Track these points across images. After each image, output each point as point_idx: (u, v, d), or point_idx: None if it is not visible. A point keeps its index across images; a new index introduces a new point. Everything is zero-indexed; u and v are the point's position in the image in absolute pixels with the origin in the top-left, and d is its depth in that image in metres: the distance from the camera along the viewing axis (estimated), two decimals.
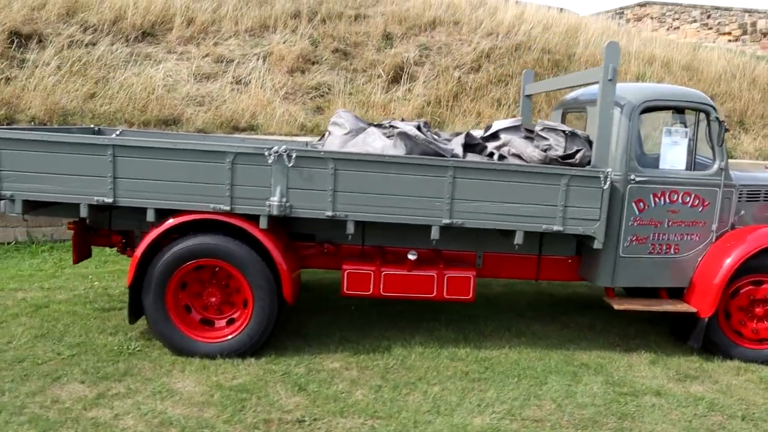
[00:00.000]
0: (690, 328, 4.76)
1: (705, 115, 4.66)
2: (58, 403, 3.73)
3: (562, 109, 5.63)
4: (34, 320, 5.07)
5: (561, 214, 4.31)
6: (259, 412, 3.66)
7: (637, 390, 4.15)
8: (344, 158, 4.19)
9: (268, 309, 4.38)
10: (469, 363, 4.51)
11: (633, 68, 11.22)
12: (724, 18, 16.28)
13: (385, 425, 3.56)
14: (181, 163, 4.17)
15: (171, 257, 4.30)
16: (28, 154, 4.15)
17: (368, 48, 11.91)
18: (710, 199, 4.67)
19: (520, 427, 3.59)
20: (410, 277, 4.58)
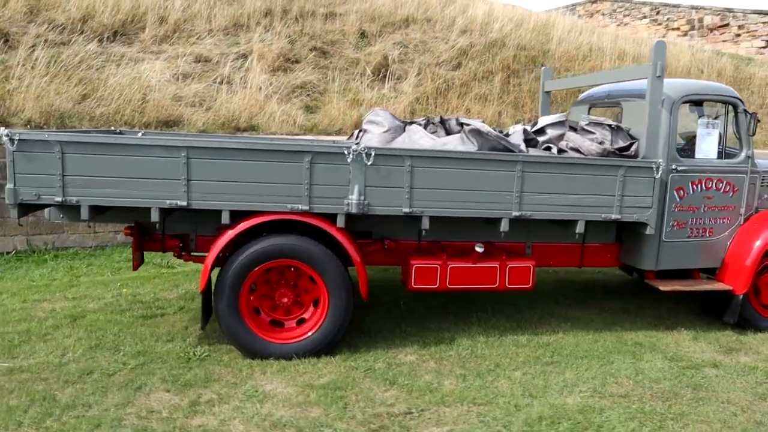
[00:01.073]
0: (723, 305, 5.22)
1: (734, 108, 5.13)
2: (155, 412, 3.70)
3: (589, 104, 5.99)
4: (78, 331, 4.93)
5: (618, 203, 4.64)
6: (364, 408, 3.77)
7: (695, 363, 4.54)
8: (421, 155, 4.33)
9: (344, 307, 4.47)
10: (533, 348, 4.78)
11: (606, 64, 11.86)
12: (673, 14, 17.41)
13: (489, 411, 3.76)
14: (258, 163, 4.19)
15: (246, 259, 4.31)
16: (95, 158, 4.06)
17: (345, 46, 12.01)
18: (739, 185, 5.14)
19: (611, 404, 3.88)
20: (475, 269, 4.79)
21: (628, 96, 5.31)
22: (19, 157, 4.00)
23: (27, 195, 4.06)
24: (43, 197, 4.08)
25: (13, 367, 4.26)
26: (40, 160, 4.02)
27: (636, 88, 5.26)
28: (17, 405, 3.72)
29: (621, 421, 3.65)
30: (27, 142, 3.98)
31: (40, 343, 4.71)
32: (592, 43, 12.49)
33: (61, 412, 3.65)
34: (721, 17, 16.17)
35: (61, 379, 4.08)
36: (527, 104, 11.08)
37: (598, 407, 3.82)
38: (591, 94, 6.05)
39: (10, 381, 4.05)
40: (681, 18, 17.13)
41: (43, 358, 4.43)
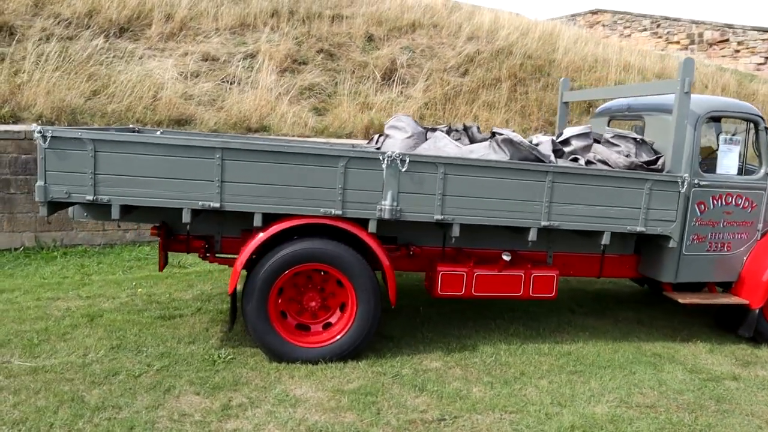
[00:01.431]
0: (738, 319, 5.32)
1: (755, 125, 5.24)
2: (187, 416, 3.69)
3: (608, 116, 6.08)
4: (97, 331, 4.91)
5: (643, 216, 4.72)
6: (398, 414, 3.80)
7: (715, 376, 4.63)
8: (454, 163, 4.38)
9: (372, 312, 4.50)
10: (555, 357, 4.84)
11: (612, 75, 12.02)
12: (673, 28, 17.66)
13: (521, 419, 3.81)
14: (292, 166, 4.21)
15: (278, 262, 4.32)
16: (129, 157, 4.05)
17: (352, 49, 12.06)
18: (758, 202, 5.25)
19: (639, 414, 3.95)
20: (500, 278, 4.85)
21: (650, 110, 5.40)
22: (51, 155, 3.98)
23: (57, 193, 4.04)
24: (74, 195, 4.06)
25: (36, 366, 4.24)
26: (73, 157, 4.00)
27: (658, 102, 5.35)
28: (46, 406, 3.71)
29: (649, 431, 3.72)
30: (60, 139, 3.97)
31: (60, 342, 4.68)
32: (597, 54, 12.65)
33: (92, 414, 3.64)
34: (721, 32, 16.45)
35: (87, 380, 4.06)
36: (534, 113, 11.19)
37: (627, 417, 3.88)
38: (610, 107, 6.15)
39: (35, 381, 4.02)
40: (681, 32, 17.39)
41: (65, 358, 4.41)
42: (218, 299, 5.88)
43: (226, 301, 5.84)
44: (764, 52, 15.46)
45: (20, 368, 4.20)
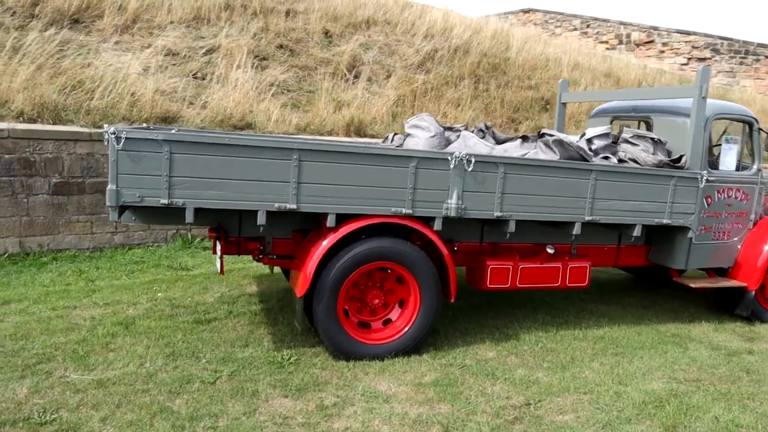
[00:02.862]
0: (735, 300, 6.03)
1: (749, 126, 5.94)
2: (289, 418, 3.75)
3: (611, 116, 6.62)
4: (140, 339, 4.81)
5: (669, 210, 5.26)
6: (487, 402, 4.05)
7: (734, 351, 5.25)
8: (513, 163, 4.68)
9: (435, 307, 4.73)
10: (591, 342, 5.27)
11: (565, 73, 12.81)
12: (602, 28, 18.96)
13: (597, 398, 4.18)
14: (366, 167, 4.34)
15: (349, 261, 4.44)
16: (204, 159, 4.03)
17: (311, 45, 12.08)
18: (751, 194, 5.96)
19: (691, 388, 4.44)
20: (542, 269, 5.22)
21: (658, 111, 5.97)
22: (124, 157, 3.89)
23: (130, 197, 3.95)
24: (147, 199, 3.99)
25: (98, 379, 4.12)
26: (147, 159, 3.93)
27: (666, 104, 5.93)
28: (138, 419, 3.65)
29: (709, 402, 4.22)
30: (134, 140, 3.89)
31: (108, 353, 4.56)
32: (548, 53, 13.41)
33: (191, 424, 3.63)
34: (648, 34, 17.88)
35: (163, 390, 4.01)
36: (497, 110, 11.74)
37: (682, 391, 4.37)
38: (613, 107, 6.69)
39: (108, 394, 3.93)
40: (610, 32, 18.72)
41: (123, 368, 4.30)
42: (243, 301, 5.87)
43: (253, 302, 5.85)
44: (687, 53, 17.03)
45: (82, 382, 4.07)
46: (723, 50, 16.66)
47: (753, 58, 16.65)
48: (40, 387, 3.98)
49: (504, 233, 5.05)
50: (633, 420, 3.91)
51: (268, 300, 5.94)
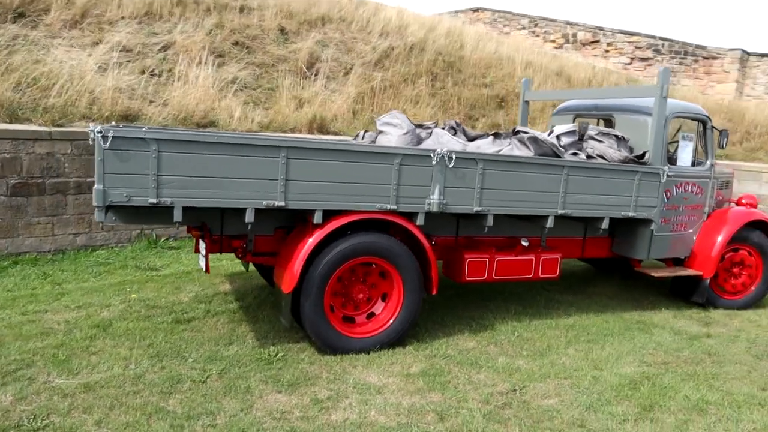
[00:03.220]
0: (691, 288, 6.44)
1: (703, 124, 6.35)
2: (287, 413, 3.80)
3: (574, 114, 6.92)
4: (121, 341, 4.75)
5: (634, 203, 5.58)
6: (475, 389, 4.21)
7: (694, 335, 5.61)
8: (492, 159, 4.87)
9: (417, 300, 4.88)
10: (564, 329, 5.53)
11: (519, 72, 13.20)
12: (550, 27, 19.55)
13: (578, 382, 4.42)
14: (352, 164, 4.44)
15: (336, 257, 4.53)
16: (193, 157, 4.04)
17: (267, 42, 12.04)
18: (705, 188, 6.37)
19: (660, 370, 4.74)
20: (516, 262, 5.45)
21: (619, 110, 6.30)
22: (111, 156, 3.86)
23: (117, 197, 3.92)
24: (135, 199, 3.97)
25: (85, 383, 4.06)
26: (134, 158, 3.91)
27: (627, 103, 6.27)
28: (135, 420, 3.64)
29: (679, 382, 4.52)
30: (121, 139, 3.86)
31: (90, 356, 4.49)
32: (501, 52, 13.79)
33: (189, 423, 3.64)
34: (593, 34, 18.59)
35: (154, 391, 4.00)
36: (454, 107, 12.00)
37: (653, 373, 4.67)
38: (575, 105, 6.99)
39: (98, 397, 3.90)
40: (557, 32, 19.35)
41: (109, 371, 4.26)
42: (219, 300, 5.85)
43: (229, 301, 5.85)
44: (630, 53, 17.82)
45: (69, 386, 4.01)
46: (664, 51, 17.53)
47: (692, 59, 17.60)
48: (25, 393, 3.89)
49: (479, 227, 5.24)
50: (612, 402, 4.16)
51: (244, 298, 5.95)
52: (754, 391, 4.46)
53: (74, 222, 7.07)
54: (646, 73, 17.26)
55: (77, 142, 6.99)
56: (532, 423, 3.83)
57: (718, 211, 6.54)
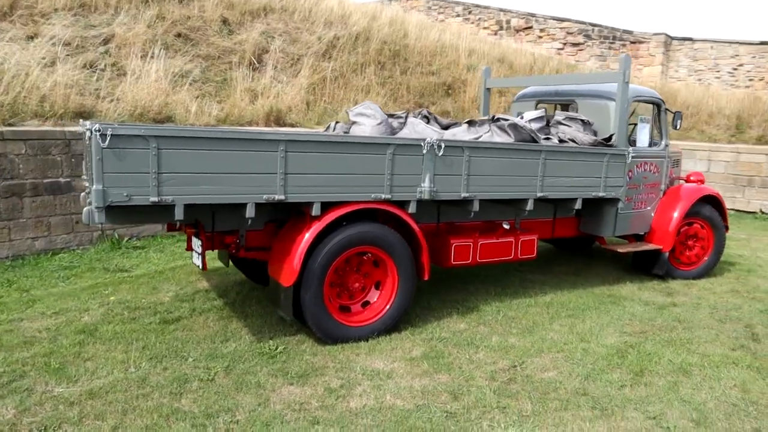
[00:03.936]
0: (651, 261, 6.91)
1: (657, 107, 6.79)
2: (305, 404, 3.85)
3: (536, 100, 7.22)
4: (114, 345, 4.66)
5: (603, 183, 5.93)
6: (478, 368, 4.41)
7: (662, 305, 6.05)
8: (477, 146, 5.06)
9: (411, 286, 5.03)
10: (543, 307, 5.83)
11: (463, 59, 13.51)
12: (484, 15, 20.01)
13: (571, 355, 4.70)
14: (346, 155, 4.51)
15: (334, 248, 4.60)
16: (192, 153, 4.01)
17: (210, 33, 11.79)
18: (661, 167, 6.83)
19: (640, 339, 5.09)
20: (498, 244, 5.68)
21: (581, 95, 6.65)
22: (110, 155, 3.78)
23: (117, 196, 3.85)
24: (135, 198, 3.91)
25: (89, 390, 3.98)
26: (134, 157, 3.85)
27: (589, 89, 6.62)
28: (152, 423, 3.61)
29: (660, 349, 4.90)
30: (120, 137, 3.79)
31: (84, 362, 4.38)
32: (444, 40, 14.05)
33: (210, 421, 3.64)
34: (526, 20, 19.19)
35: (164, 392, 3.97)
36: (404, 95, 12.17)
37: (635, 342, 5.03)
38: (537, 92, 7.30)
39: (107, 402, 3.83)
40: (491, 19, 19.85)
41: (109, 376, 4.18)
42: (201, 297, 5.80)
43: (212, 298, 5.81)
44: (562, 39, 18.54)
45: (72, 394, 3.92)
46: (594, 36, 18.37)
47: (620, 43, 18.52)
48: (26, 405, 3.78)
49: (459, 213, 5.44)
50: (606, 370, 4.47)
51: (227, 294, 5.92)
52: (726, 352, 4.90)
53: (32, 226, 6.78)
54: (578, 57, 18.05)
55: (31, 142, 6.69)
56: (539, 395, 4.07)
57: (672, 188, 7.03)
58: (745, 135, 12.64)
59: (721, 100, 13.71)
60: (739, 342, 5.15)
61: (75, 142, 7.16)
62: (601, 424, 3.73)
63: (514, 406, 3.92)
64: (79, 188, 7.28)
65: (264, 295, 5.79)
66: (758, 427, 3.78)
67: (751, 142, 12.25)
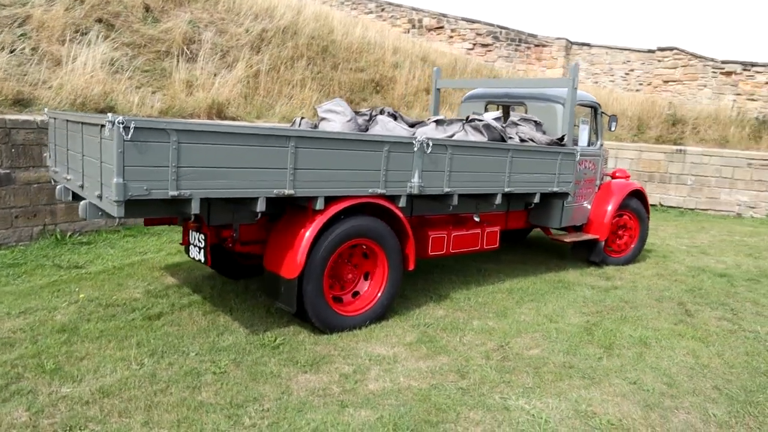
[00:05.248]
0: (589, 250, 7.67)
1: (594, 110, 7.53)
2: (325, 389, 4.05)
3: (485, 101, 7.75)
4: (102, 343, 4.57)
5: (557, 179, 6.55)
6: (470, 349, 4.80)
7: (605, 288, 6.76)
8: (458, 145, 5.44)
9: (399, 276, 5.33)
10: (506, 294, 6.33)
11: (389, 57, 13.88)
12: (396, 13, 20.50)
13: (547, 334, 5.19)
14: (350, 152, 4.73)
15: (334, 240, 4.80)
16: (210, 148, 4.06)
17: (132, 20, 11.37)
18: (597, 165, 7.60)
19: (599, 318, 5.69)
20: (467, 236, 6.12)
21: (531, 98, 7.24)
22: (131, 148, 3.77)
23: (137, 190, 3.84)
24: (154, 192, 3.92)
25: (100, 387, 3.94)
26: (155, 150, 3.86)
27: (537, 92, 7.23)
28: (184, 417, 3.66)
29: (618, 326, 5.53)
30: (142, 130, 3.79)
31: (79, 362, 4.29)
32: (369, 37, 14.36)
33: (241, 411, 3.75)
34: (437, 20, 19.93)
35: (181, 387, 4.01)
36: (336, 92, 12.37)
37: (595, 321, 5.64)
38: (485, 93, 7.82)
39: (127, 399, 3.83)
40: (403, 17, 20.40)
41: (114, 374, 4.14)
42: (175, 293, 5.74)
43: (186, 293, 5.78)
44: (472, 39, 19.46)
45: (83, 394, 3.88)
46: (502, 38, 19.46)
47: (525, 46, 19.76)
48: (38, 407, 3.69)
49: (432, 207, 5.84)
50: (581, 345, 5.03)
51: (200, 289, 5.91)
52: (671, 326, 5.64)
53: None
54: (486, 57, 19.05)
55: None
56: (533, 370, 4.53)
57: (604, 183, 7.84)
58: (646, 135, 14.07)
59: (624, 102, 15.12)
60: (678, 317, 5.93)
61: (15, 131, 6.77)
62: (594, 390, 4.25)
63: (516, 380, 4.36)
64: (20, 180, 6.89)
65: (261, 287, 5.71)
66: (716, 384, 4.47)
67: (651, 142, 13.67)
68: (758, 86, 16.92)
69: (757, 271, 8.03)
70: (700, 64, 17.56)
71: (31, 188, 7.02)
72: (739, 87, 17.10)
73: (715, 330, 5.59)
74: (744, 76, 17.05)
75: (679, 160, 13.07)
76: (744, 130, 13.43)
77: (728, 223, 12.20)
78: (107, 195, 3.86)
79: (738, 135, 13.35)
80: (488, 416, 3.85)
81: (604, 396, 4.19)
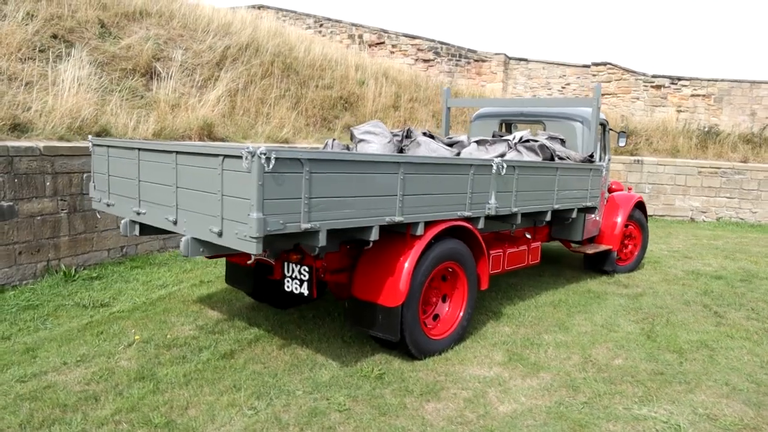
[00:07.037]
0: (602, 260, 8.13)
1: (603, 127, 8.01)
2: (460, 416, 4.09)
3: (500, 119, 8.03)
4: (198, 389, 4.36)
5: (588, 194, 6.92)
6: (565, 363, 4.99)
7: (633, 296, 7.17)
8: (523, 165, 5.65)
9: (475, 296, 5.45)
10: (552, 306, 6.58)
11: (352, 73, 13.93)
12: (336, 28, 20.55)
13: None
14: (444, 176, 4.80)
15: (430, 265, 4.84)
16: (336, 177, 4.00)
17: (88, 36, 10.80)
18: (606, 179, 8.09)
19: (648, 324, 6.04)
20: (518, 253, 6.33)
21: (549, 116, 7.60)
22: (270, 180, 3.67)
23: (274, 225, 3.72)
24: (288, 225, 3.82)
25: None
26: (289, 182, 3.77)
27: (555, 111, 7.60)
28: None
29: (672, 331, 5.89)
30: (282, 161, 3.69)
31: (188, 410, 4.10)
32: (329, 54, 14.37)
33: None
34: (378, 35, 20.19)
35: (315, 429, 3.94)
36: (309, 109, 12.28)
37: (647, 327, 5.99)
38: (499, 112, 8.09)
39: None
40: (343, 32, 20.49)
41: (235, 424, 3.99)
42: (231, 328, 5.53)
43: (244, 327, 5.58)
44: (414, 55, 19.86)
45: None
46: (443, 53, 20.02)
47: (465, 61, 20.44)
48: None
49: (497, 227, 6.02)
50: (655, 352, 5.34)
51: (257, 322, 5.74)
52: (715, 328, 6.10)
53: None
54: (428, 72, 19.53)
55: None
56: (632, 378, 4.79)
57: (610, 196, 8.35)
58: None
59: None
60: (714, 320, 6.42)
61: (18, 159, 6.27)
62: (699, 394, 4.56)
63: (625, 390, 4.59)
64: (24, 213, 6.38)
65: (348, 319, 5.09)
66: None
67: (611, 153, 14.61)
68: (684, 98, 18.54)
69: (743, 272, 8.82)
70: (632, 78, 18.98)
71: (34, 221, 6.51)
72: (668, 99, 18.65)
73: (754, 330, 6.12)
74: (672, 90, 18.62)
75: (637, 169, 14.08)
76: (692, 140, 14.68)
77: (687, 227, 13.27)
78: (242, 231, 3.70)
79: (686, 145, 14.58)
80: (628, 427, 4.05)
81: (710, 399, 4.51)
